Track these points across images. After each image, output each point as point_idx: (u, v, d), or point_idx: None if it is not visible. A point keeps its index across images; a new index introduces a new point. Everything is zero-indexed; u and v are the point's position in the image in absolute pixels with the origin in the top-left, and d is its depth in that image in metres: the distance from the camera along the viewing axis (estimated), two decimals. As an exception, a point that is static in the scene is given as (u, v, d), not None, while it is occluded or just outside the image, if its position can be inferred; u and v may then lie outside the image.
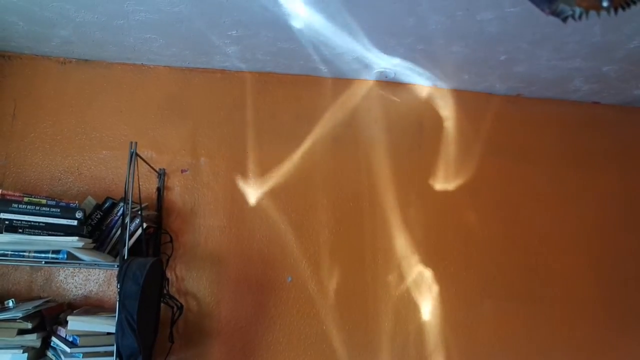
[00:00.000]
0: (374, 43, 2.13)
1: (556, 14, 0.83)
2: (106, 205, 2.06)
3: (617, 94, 2.65)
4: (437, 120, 2.60)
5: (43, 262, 1.79)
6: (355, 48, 2.18)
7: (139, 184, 2.09)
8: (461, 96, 2.63)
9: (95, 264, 1.88)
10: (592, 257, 2.62)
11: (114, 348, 1.70)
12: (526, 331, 2.49)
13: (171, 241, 2.26)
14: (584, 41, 2.04)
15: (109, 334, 1.85)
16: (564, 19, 0.83)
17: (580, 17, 0.82)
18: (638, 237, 2.69)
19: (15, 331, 1.80)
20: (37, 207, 1.81)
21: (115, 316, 1.70)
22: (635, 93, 2.62)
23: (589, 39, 2.02)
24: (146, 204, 2.17)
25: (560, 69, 2.33)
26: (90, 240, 1.88)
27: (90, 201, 2.11)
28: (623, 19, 1.82)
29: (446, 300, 2.44)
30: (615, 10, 0.80)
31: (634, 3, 0.77)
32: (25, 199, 1.81)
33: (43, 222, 1.81)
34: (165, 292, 2.18)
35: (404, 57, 2.25)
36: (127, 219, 1.85)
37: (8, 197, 1.79)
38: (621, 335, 2.57)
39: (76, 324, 1.83)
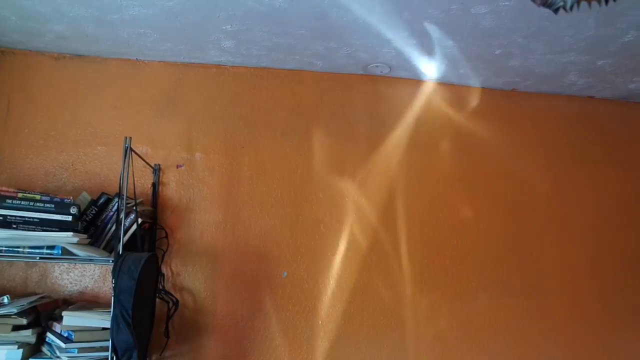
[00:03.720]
0: (369, 37, 2.12)
1: (547, 5, 0.83)
2: (101, 201, 2.05)
3: (612, 88, 2.65)
4: (432, 114, 2.60)
5: (38, 258, 1.78)
6: (349, 43, 2.18)
7: (133, 180, 2.07)
8: (456, 91, 2.64)
9: (90, 260, 1.88)
10: (588, 251, 2.63)
11: (109, 343, 1.70)
12: (521, 325, 2.50)
13: (166, 237, 2.26)
14: (579, 35, 2.04)
15: (104, 329, 1.85)
16: (556, 10, 0.83)
17: (571, 8, 0.82)
18: (634, 231, 2.70)
19: (10, 327, 1.80)
20: (31, 203, 1.80)
21: (110, 311, 1.70)
22: (630, 87, 2.62)
23: (584, 32, 2.02)
24: (141, 199, 2.16)
25: (555, 63, 2.33)
26: (85, 236, 1.87)
27: (85, 197, 2.10)
28: (617, 12, 1.83)
29: (442, 293, 2.45)
30: (606, 1, 0.80)
31: (625, -6, 0.77)
32: (20, 195, 1.80)
33: (37, 218, 1.80)
34: (160, 287, 2.18)
35: (399, 51, 2.25)
36: (122, 215, 1.85)
37: (2, 193, 1.78)
38: (617, 330, 2.59)
39: (71, 319, 1.83)
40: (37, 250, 1.77)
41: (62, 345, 1.79)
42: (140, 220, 1.99)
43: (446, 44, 2.16)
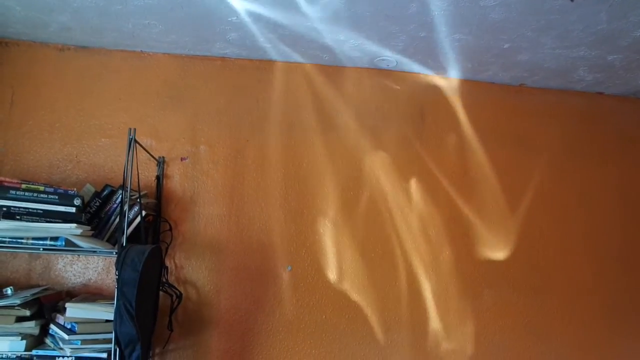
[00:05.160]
0: (376, 30, 2.10)
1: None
2: (105, 193, 2.04)
3: (622, 85, 2.61)
4: (439, 109, 2.58)
5: (41, 249, 1.78)
6: (356, 35, 2.16)
7: (137, 172, 2.07)
8: (464, 85, 2.61)
9: (94, 251, 1.87)
10: (593, 248, 2.61)
11: (113, 335, 1.69)
12: (526, 321, 2.48)
13: (170, 229, 2.25)
14: (589, 29, 2.01)
15: (107, 321, 1.85)
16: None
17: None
18: (639, 227, 2.67)
19: (14, 318, 1.80)
20: (35, 194, 1.80)
21: (113, 303, 1.69)
22: (640, 83, 2.59)
23: (594, 26, 1.99)
24: (145, 191, 2.16)
25: (565, 58, 2.30)
26: (88, 228, 1.87)
27: (89, 188, 2.09)
28: (630, 5, 1.80)
29: (447, 289, 2.43)
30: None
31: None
32: (23, 186, 1.80)
33: (41, 209, 1.79)
34: (164, 280, 2.17)
35: (406, 44, 2.23)
36: (126, 207, 1.83)
37: (6, 184, 1.78)
38: (619, 327, 2.57)
39: (74, 311, 1.83)
40: (41, 242, 1.77)
41: (66, 336, 1.79)
42: (144, 213, 1.98)
43: (454, 37, 2.14)
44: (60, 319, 1.87)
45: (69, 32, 2.21)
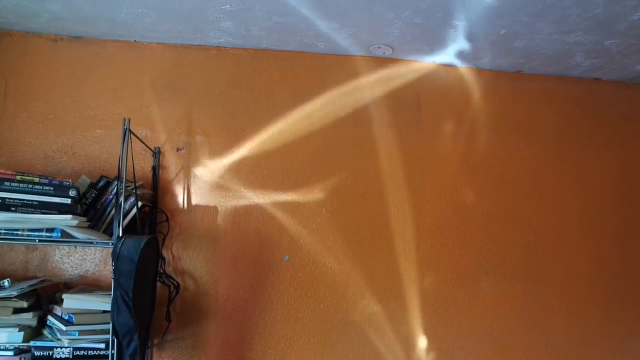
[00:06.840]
0: (371, 17, 2.08)
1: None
2: (100, 184, 2.03)
3: (619, 70, 2.60)
4: (436, 97, 2.56)
5: (37, 240, 1.76)
6: (351, 23, 2.14)
7: (133, 163, 2.05)
8: (460, 73, 2.59)
9: (90, 242, 1.86)
10: (590, 234, 2.61)
11: (110, 326, 1.69)
12: (524, 308, 2.49)
13: (167, 220, 2.24)
14: (586, 13, 1.99)
15: (104, 312, 1.84)
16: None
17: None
18: (636, 215, 2.67)
19: (11, 310, 1.80)
20: (30, 185, 1.79)
21: (110, 294, 1.69)
22: (637, 69, 2.58)
23: (591, 10, 1.97)
24: (141, 182, 2.15)
25: (561, 43, 2.29)
26: (84, 219, 1.86)
27: (85, 180, 2.08)
28: (626, -12, 1.78)
29: (445, 277, 2.44)
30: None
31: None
32: (18, 177, 1.78)
33: (36, 201, 1.78)
34: (161, 271, 2.17)
35: (402, 31, 2.21)
36: (121, 198, 1.83)
37: (0, 175, 1.76)
38: (618, 313, 2.58)
39: (72, 301, 1.83)
40: (36, 233, 1.76)
41: (63, 327, 1.79)
42: (140, 204, 1.97)
43: (450, 24, 2.12)
44: (58, 310, 1.87)
45: (61, 21, 2.18)
